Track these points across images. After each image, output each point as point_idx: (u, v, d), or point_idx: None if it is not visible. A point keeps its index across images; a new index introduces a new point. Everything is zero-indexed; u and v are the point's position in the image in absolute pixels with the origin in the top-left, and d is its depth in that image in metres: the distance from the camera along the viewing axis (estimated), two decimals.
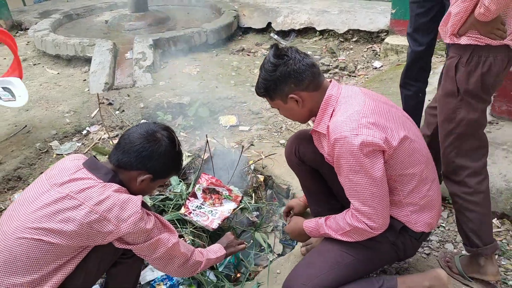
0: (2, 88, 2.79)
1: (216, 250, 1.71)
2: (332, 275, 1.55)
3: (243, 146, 2.43)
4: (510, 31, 1.50)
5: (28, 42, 4.93)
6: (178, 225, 2.05)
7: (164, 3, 5.89)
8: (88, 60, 4.00)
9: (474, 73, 1.56)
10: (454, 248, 2.03)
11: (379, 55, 4.00)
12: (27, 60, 4.47)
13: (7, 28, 5.36)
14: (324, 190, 1.92)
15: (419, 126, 2.64)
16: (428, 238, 1.97)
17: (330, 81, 1.57)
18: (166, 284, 1.95)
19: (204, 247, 2.03)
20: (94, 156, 1.43)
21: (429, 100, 2.35)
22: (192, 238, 2.03)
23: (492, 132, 2.40)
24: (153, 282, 1.90)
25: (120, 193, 1.32)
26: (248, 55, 4.30)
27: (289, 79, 1.48)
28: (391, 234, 1.56)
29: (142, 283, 1.90)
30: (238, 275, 2.06)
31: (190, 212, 2.03)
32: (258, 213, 2.40)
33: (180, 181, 2.21)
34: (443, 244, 2.06)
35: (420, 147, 1.52)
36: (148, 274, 1.94)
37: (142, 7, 4.88)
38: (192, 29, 4.34)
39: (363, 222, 1.46)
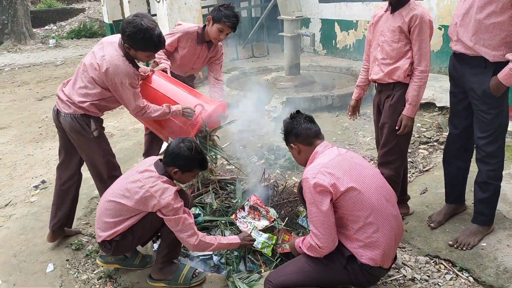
0: None
1: (231, 238, 2.54)
2: (294, 278, 2.20)
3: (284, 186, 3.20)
4: None
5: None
6: (228, 225, 2.95)
7: (321, 69, 6.98)
8: None
9: None
10: None
11: None
12: None
13: (202, 78, 7.25)
14: None
15: (462, 196, 2.94)
16: (384, 275, 2.36)
17: (322, 142, 2.27)
18: None
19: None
20: (160, 160, 2.47)
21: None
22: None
23: None
24: None
25: (165, 183, 2.32)
26: (364, 119, 4.94)
27: (291, 133, 2.27)
28: (342, 259, 2.14)
29: None
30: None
31: (237, 219, 2.89)
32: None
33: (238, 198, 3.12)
34: None
35: (368, 199, 2.05)
36: None
37: (294, 71, 6.05)
38: (321, 92, 5.26)
39: (314, 241, 2.09)
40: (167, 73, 3.29)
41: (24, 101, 7.68)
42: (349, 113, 3.20)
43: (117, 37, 2.64)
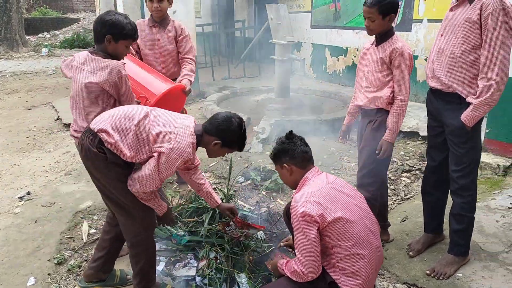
0: None
1: (160, 206, 2.45)
2: None
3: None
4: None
5: (200, 108, 6.72)
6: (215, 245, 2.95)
7: (311, 93, 7.12)
8: None
9: None
10: None
11: None
12: None
13: (194, 95, 7.35)
14: None
15: (440, 226, 3.03)
16: None
17: (313, 167, 2.33)
18: None
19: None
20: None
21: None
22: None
23: None
24: None
25: (190, 145, 2.16)
26: (350, 145, 5.04)
27: (287, 153, 2.28)
28: (324, 284, 2.17)
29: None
30: None
31: (226, 232, 2.90)
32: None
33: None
34: None
35: (353, 229, 2.08)
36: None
37: (284, 94, 6.17)
38: (309, 116, 5.38)
39: (299, 267, 2.12)
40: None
41: (12, 109, 7.65)
42: (340, 138, 3.32)
43: (84, 54, 2.62)
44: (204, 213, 3.10)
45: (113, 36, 2.55)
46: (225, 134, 2.28)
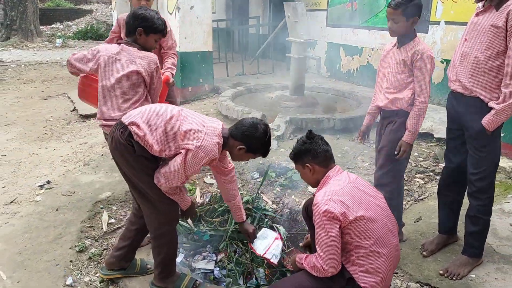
0: None
1: (185, 201, 2.54)
2: None
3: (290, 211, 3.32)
4: None
5: (215, 103, 6.78)
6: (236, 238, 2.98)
7: (324, 92, 7.15)
8: None
9: None
10: None
11: None
12: (208, 115, 6.20)
13: (208, 91, 7.43)
14: None
15: (454, 228, 3.08)
16: None
17: (335, 166, 2.38)
18: None
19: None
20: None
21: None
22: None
23: None
24: None
25: (217, 146, 2.24)
26: (364, 144, 5.08)
27: (309, 153, 2.31)
28: (342, 280, 2.23)
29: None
30: None
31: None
32: None
33: None
34: None
35: (377, 228, 2.13)
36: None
37: (299, 92, 6.21)
38: (323, 115, 5.42)
39: (319, 263, 2.17)
40: None
41: (29, 99, 7.78)
42: (360, 138, 3.36)
43: (115, 45, 2.74)
44: (228, 214, 3.13)
45: (144, 29, 2.66)
46: (250, 140, 2.32)
